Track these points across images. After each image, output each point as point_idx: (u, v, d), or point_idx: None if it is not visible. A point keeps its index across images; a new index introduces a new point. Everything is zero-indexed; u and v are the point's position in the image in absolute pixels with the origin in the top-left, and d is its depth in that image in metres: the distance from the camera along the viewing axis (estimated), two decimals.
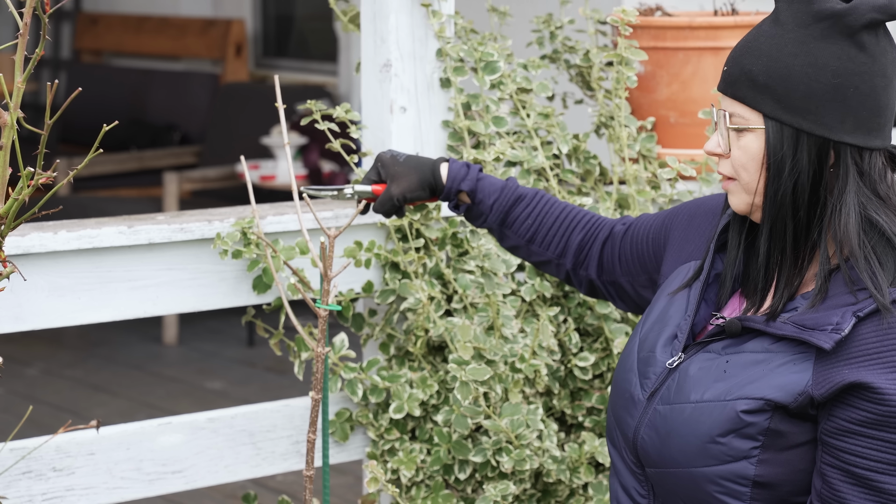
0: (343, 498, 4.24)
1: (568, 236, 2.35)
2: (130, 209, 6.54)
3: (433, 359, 2.70)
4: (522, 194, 2.37)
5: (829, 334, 1.82)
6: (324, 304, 2.27)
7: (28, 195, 1.80)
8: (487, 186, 2.36)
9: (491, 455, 2.58)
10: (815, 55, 1.85)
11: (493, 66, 2.73)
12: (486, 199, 2.36)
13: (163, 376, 5.94)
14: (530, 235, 2.36)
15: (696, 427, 1.90)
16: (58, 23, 9.03)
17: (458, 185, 2.36)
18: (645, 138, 2.85)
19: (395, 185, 2.35)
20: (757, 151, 1.90)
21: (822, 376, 1.83)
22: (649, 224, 2.27)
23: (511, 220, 2.37)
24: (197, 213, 2.59)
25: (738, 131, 1.91)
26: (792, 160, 1.87)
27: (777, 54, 1.87)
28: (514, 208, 2.36)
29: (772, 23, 1.90)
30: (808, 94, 1.85)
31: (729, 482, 1.88)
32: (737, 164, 1.92)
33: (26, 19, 1.70)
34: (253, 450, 2.63)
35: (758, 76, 1.88)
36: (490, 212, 2.36)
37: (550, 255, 2.36)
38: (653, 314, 2.09)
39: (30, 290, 2.40)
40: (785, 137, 1.87)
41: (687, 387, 1.93)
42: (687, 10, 3.07)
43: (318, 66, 8.01)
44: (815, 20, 1.86)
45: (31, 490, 2.43)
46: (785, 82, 1.86)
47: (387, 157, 2.39)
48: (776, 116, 1.87)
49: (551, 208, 2.37)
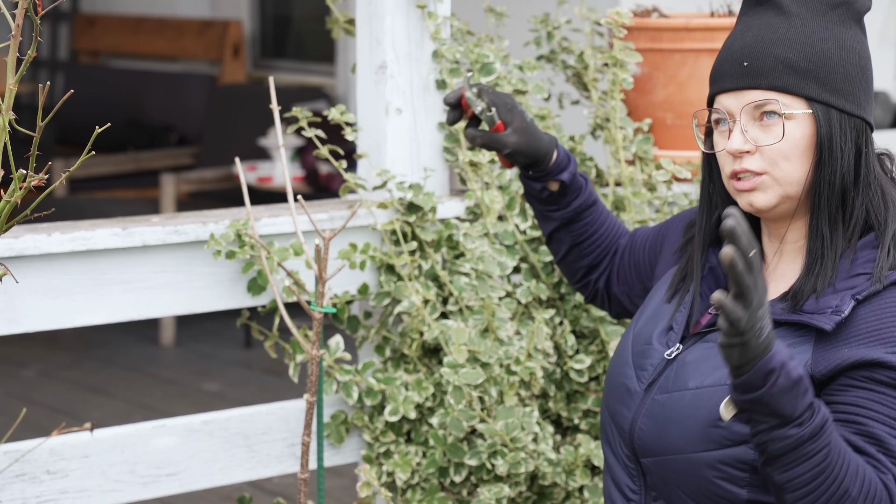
0: (339, 500, 4.23)
1: (603, 258, 2.40)
2: (127, 210, 6.53)
3: (429, 361, 2.69)
4: (597, 199, 2.40)
5: (829, 316, 1.86)
6: (318, 306, 2.27)
7: (20, 197, 1.79)
8: (577, 183, 2.37)
9: (486, 458, 2.58)
10: (842, 39, 1.93)
11: (489, 67, 2.73)
12: (572, 196, 2.37)
13: (160, 378, 5.93)
14: (581, 239, 2.39)
15: (695, 412, 1.91)
16: (55, 24, 9.02)
17: (560, 174, 2.35)
18: (641, 140, 2.84)
19: (514, 135, 2.31)
20: (800, 138, 1.92)
21: (821, 356, 1.86)
22: (646, 235, 2.31)
23: (577, 222, 2.39)
24: (191, 215, 2.58)
25: (773, 121, 1.92)
26: (840, 141, 1.91)
27: (809, 40, 1.92)
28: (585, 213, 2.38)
29: (777, 14, 1.94)
30: (845, 76, 1.92)
31: (728, 467, 1.88)
32: (775, 155, 1.93)
33: (18, 20, 1.69)
34: (248, 452, 2.62)
35: (798, 62, 1.92)
36: (566, 207, 2.38)
37: (584, 263, 2.41)
38: (647, 311, 2.12)
39: (24, 293, 2.39)
40: (832, 119, 1.92)
41: (685, 375, 1.95)
42: (684, 12, 3.06)
43: (315, 67, 8.00)
44: (830, 8, 1.94)
45: (25, 493, 2.43)
46: (825, 66, 1.92)
47: (518, 108, 2.34)
48: (823, 99, 1.92)
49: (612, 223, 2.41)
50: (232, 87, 7.77)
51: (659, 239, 2.26)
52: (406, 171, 2.72)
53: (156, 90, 8.10)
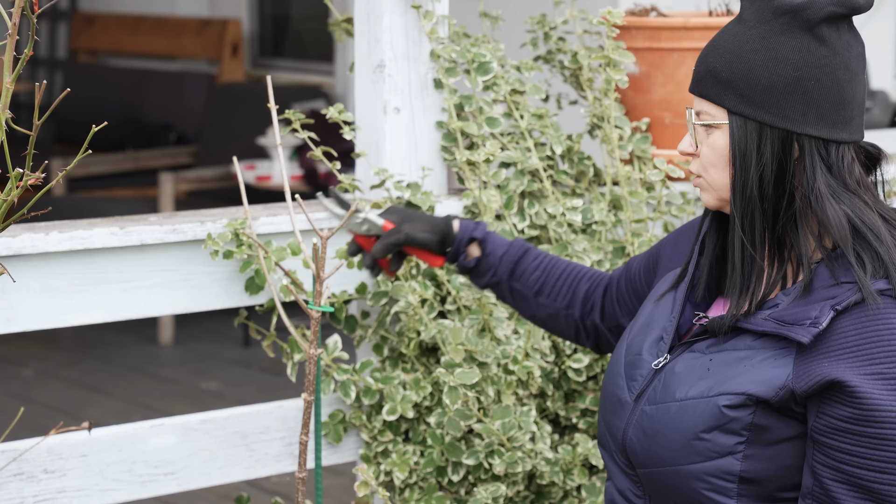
0: (337, 499, 4.24)
1: (575, 287, 2.40)
2: (126, 209, 6.53)
3: (426, 360, 2.69)
4: (530, 247, 2.44)
5: (808, 328, 1.84)
6: (316, 305, 2.27)
7: (17, 196, 1.79)
8: (497, 239, 2.43)
9: (483, 457, 2.57)
10: (775, 49, 1.88)
11: (485, 66, 2.73)
12: (497, 249, 2.42)
13: (159, 377, 5.93)
14: (539, 287, 2.41)
15: (680, 424, 1.91)
16: (54, 22, 9.02)
17: (471, 234, 2.42)
18: (639, 139, 2.84)
19: (408, 224, 2.41)
20: (723, 148, 1.93)
21: (802, 370, 1.84)
22: (641, 260, 2.32)
23: (520, 272, 2.42)
24: (189, 214, 2.58)
25: (706, 128, 1.94)
26: (757, 153, 1.89)
27: (739, 50, 1.90)
28: (523, 259, 2.42)
29: (736, 22, 1.94)
30: (769, 87, 1.88)
31: (715, 478, 1.88)
32: (705, 162, 1.96)
33: (15, 19, 1.69)
34: (246, 451, 2.62)
35: (721, 73, 1.91)
36: (500, 263, 2.42)
37: (559, 305, 2.40)
38: (640, 320, 2.11)
39: (21, 292, 2.39)
40: (749, 131, 1.90)
41: (672, 386, 1.95)
42: (682, 11, 3.06)
43: (314, 66, 8.00)
44: (775, 15, 1.89)
45: (23, 492, 2.43)
46: (746, 77, 1.89)
47: (400, 207, 2.46)
48: (739, 111, 1.90)
49: (557, 262, 2.43)
50: (230, 85, 7.77)
51: (651, 262, 2.27)
52: (404, 170, 2.72)
53: (154, 89, 8.10)
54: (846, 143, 1.90)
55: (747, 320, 1.91)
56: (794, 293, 1.89)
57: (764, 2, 1.90)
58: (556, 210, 2.72)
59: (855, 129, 1.91)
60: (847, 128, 1.90)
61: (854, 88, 1.90)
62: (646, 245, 2.77)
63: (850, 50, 1.90)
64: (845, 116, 1.89)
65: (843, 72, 1.89)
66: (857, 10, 1.89)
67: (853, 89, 1.90)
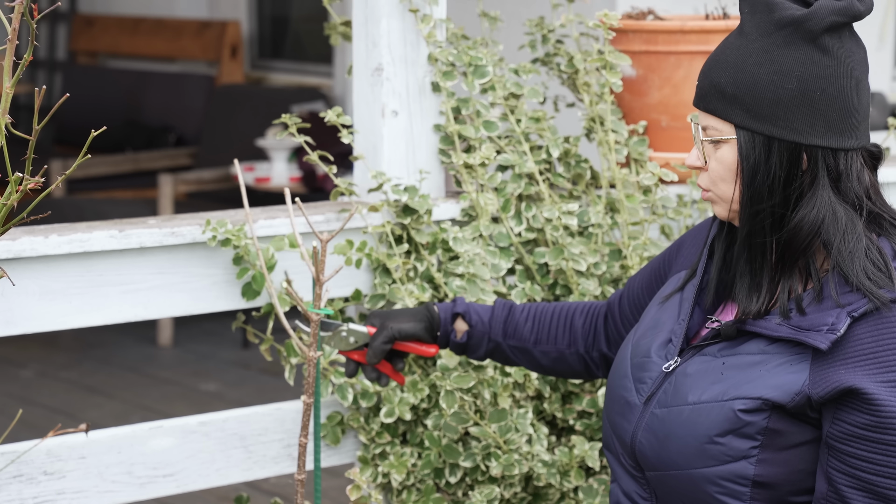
0: (336, 501, 4.24)
1: (570, 324, 2.38)
2: (126, 211, 6.54)
3: (424, 363, 2.70)
4: (513, 304, 2.42)
5: (825, 335, 1.84)
6: (315, 308, 2.27)
7: (17, 200, 1.80)
8: (478, 307, 2.41)
9: (480, 460, 2.58)
10: (779, 62, 1.88)
11: (482, 70, 2.74)
12: (482, 316, 2.39)
13: (158, 378, 5.94)
14: (535, 336, 2.38)
15: (694, 428, 1.91)
16: (53, 24, 9.02)
17: (452, 310, 2.38)
18: (636, 142, 2.85)
19: (391, 321, 2.36)
20: (732, 162, 1.92)
21: (819, 376, 1.85)
22: (642, 277, 2.30)
23: (513, 329, 2.39)
24: (188, 217, 2.59)
25: (714, 143, 1.94)
26: (765, 167, 1.89)
27: (742, 64, 1.89)
28: (511, 316, 2.39)
29: (737, 35, 1.93)
30: (775, 100, 1.88)
31: (729, 482, 1.89)
32: (714, 176, 1.95)
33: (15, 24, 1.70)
34: (244, 453, 2.63)
35: (726, 87, 1.90)
36: (490, 328, 2.39)
37: (561, 346, 2.38)
38: (645, 321, 2.10)
39: (21, 294, 2.40)
40: (757, 145, 1.89)
41: (684, 389, 1.95)
42: (679, 14, 3.07)
43: (313, 67, 8.01)
44: (777, 28, 1.88)
45: (22, 494, 2.43)
46: (752, 91, 1.88)
47: (378, 310, 2.42)
48: (747, 125, 1.90)
49: (545, 307, 2.41)
50: (230, 87, 7.77)
51: (655, 276, 2.27)
52: (402, 173, 2.73)
53: (154, 91, 8.10)
54: (854, 149, 1.90)
55: (762, 325, 1.91)
56: (806, 299, 1.90)
57: (765, 14, 1.89)
58: (552, 213, 2.72)
59: (862, 134, 1.91)
60: (854, 134, 1.90)
61: (859, 94, 1.90)
62: (641, 248, 2.78)
63: (852, 57, 1.90)
64: (852, 123, 1.89)
65: (848, 80, 1.89)
66: (858, 17, 1.89)
67: (858, 95, 1.90)
